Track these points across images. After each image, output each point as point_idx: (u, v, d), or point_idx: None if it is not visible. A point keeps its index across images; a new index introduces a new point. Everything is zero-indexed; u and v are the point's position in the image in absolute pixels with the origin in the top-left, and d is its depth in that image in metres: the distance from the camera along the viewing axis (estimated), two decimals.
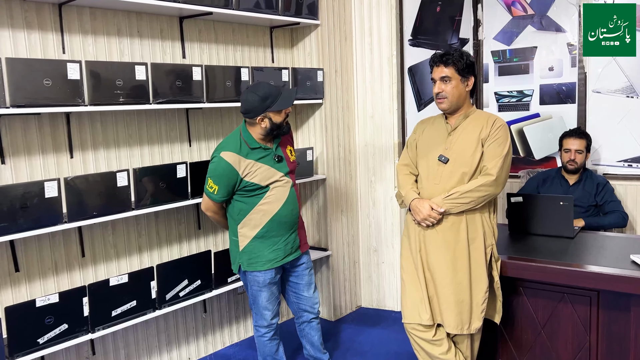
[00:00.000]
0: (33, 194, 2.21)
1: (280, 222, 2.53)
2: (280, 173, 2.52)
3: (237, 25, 3.28)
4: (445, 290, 2.33)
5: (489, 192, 2.28)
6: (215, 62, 3.17)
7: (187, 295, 2.79)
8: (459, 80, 2.33)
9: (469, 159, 2.32)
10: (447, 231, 2.33)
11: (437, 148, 2.41)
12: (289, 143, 2.65)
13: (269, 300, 2.60)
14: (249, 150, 2.46)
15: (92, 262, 2.70)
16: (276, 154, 2.53)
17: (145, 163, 2.86)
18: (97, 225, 2.69)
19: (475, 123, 2.36)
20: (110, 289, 2.46)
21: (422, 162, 2.46)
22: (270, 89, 2.42)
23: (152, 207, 2.63)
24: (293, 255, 2.62)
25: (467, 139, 2.35)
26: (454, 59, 2.32)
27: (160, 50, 2.90)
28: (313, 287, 2.76)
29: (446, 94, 2.33)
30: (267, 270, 2.54)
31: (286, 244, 2.57)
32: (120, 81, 2.47)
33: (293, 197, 2.57)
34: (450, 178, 2.33)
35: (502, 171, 2.30)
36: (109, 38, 2.70)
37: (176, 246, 3.06)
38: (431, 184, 2.38)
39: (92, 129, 2.66)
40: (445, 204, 2.28)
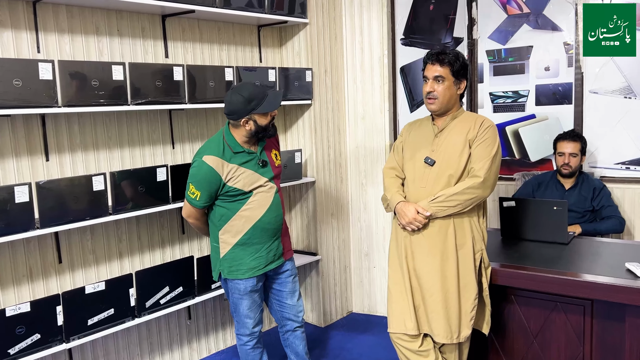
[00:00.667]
0: (3, 199, 2.12)
1: (263, 229, 2.44)
2: (265, 178, 2.44)
3: (223, 24, 3.19)
4: (433, 298, 2.24)
5: (477, 194, 2.20)
6: (200, 61, 3.08)
7: (168, 303, 2.70)
8: (452, 81, 2.25)
9: (456, 161, 2.24)
10: (435, 236, 2.25)
11: (424, 150, 2.33)
12: (274, 147, 2.55)
13: (250, 309, 2.51)
14: (232, 155, 2.36)
15: (69, 268, 2.62)
16: (260, 158, 2.44)
17: (125, 166, 2.78)
18: (75, 231, 2.60)
19: (463, 124, 2.29)
20: (86, 297, 2.38)
21: (408, 165, 2.38)
22: (256, 90, 2.32)
23: (130, 212, 2.54)
24: (276, 263, 2.52)
25: (454, 141, 2.27)
26: (450, 59, 2.24)
27: (142, 49, 2.82)
28: (297, 294, 2.66)
29: (437, 95, 2.25)
30: (248, 278, 2.45)
31: (269, 251, 2.48)
32: (96, 81, 2.38)
33: (277, 203, 2.48)
34: (437, 181, 2.26)
35: (490, 173, 2.21)
36: (87, 37, 2.61)
37: (159, 252, 2.97)
38: (417, 187, 2.31)
39: (70, 131, 2.57)
40: (431, 208, 2.20)
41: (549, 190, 3.31)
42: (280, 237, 2.53)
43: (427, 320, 2.27)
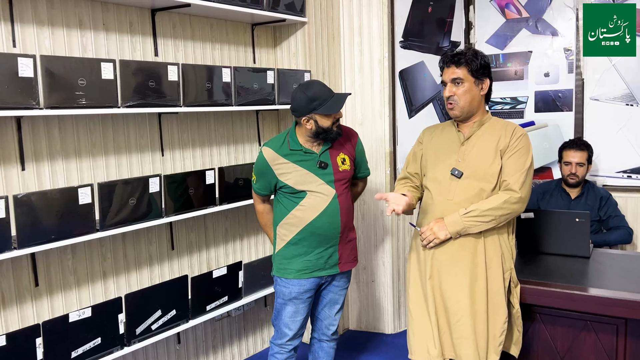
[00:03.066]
0: None
1: (313, 233, 2.31)
2: (321, 181, 2.30)
3: (216, 21, 2.94)
4: (460, 322, 2.07)
5: (513, 210, 2.05)
6: (191, 60, 2.82)
7: (160, 328, 2.42)
8: (472, 82, 2.07)
9: (487, 173, 2.07)
10: (463, 254, 2.08)
11: (449, 160, 2.14)
12: (343, 150, 2.39)
13: (292, 318, 2.37)
14: (289, 151, 2.32)
15: (47, 292, 2.30)
16: (320, 159, 2.31)
17: (111, 176, 2.49)
18: (54, 250, 2.29)
19: (492, 132, 2.11)
20: (70, 325, 2.08)
21: (431, 176, 2.20)
22: (322, 91, 2.25)
23: (120, 228, 2.26)
24: (327, 272, 2.36)
25: (483, 150, 2.09)
26: (467, 59, 2.06)
27: (130, 46, 2.54)
28: (337, 307, 2.49)
29: (457, 99, 2.08)
30: (294, 279, 2.34)
31: (319, 257, 2.33)
32: (83, 80, 2.09)
33: (334, 208, 2.30)
34: (465, 193, 2.09)
35: (525, 187, 2.06)
36: (69, 31, 2.31)
37: (146, 270, 2.68)
38: (443, 200, 2.12)
39: (49, 137, 2.26)
40: (463, 222, 2.02)
41: (553, 199, 3.21)
42: (336, 245, 2.35)
43: (452, 345, 2.11)
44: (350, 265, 2.44)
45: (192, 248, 2.89)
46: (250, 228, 3.22)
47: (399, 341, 3.36)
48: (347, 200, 2.38)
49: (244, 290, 2.81)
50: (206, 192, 2.60)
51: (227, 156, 3.05)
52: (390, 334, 3.51)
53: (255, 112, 3.17)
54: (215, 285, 2.65)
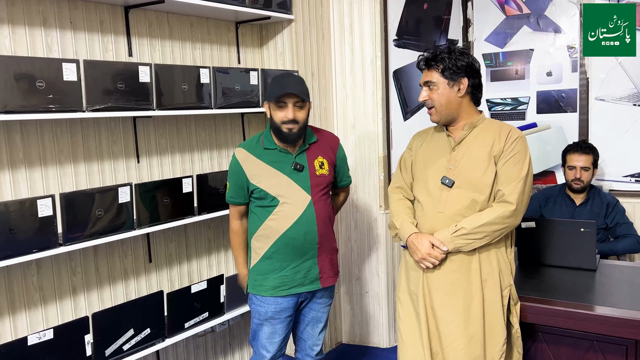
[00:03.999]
0: None
1: (288, 245, 2.12)
2: (296, 185, 2.12)
3: (197, 19, 2.77)
4: (454, 345, 1.90)
5: (507, 224, 1.87)
6: (170, 61, 2.65)
7: (133, 348, 2.25)
8: (445, 84, 1.91)
9: (480, 182, 1.90)
10: (456, 272, 1.91)
11: (439, 167, 1.97)
12: (322, 154, 2.21)
13: (269, 339, 2.19)
14: (262, 151, 2.16)
15: (9, 312, 2.13)
16: (296, 161, 2.13)
17: (81, 185, 2.32)
18: (17, 265, 2.12)
19: (485, 135, 1.93)
20: (29, 349, 1.91)
21: (420, 185, 2.03)
22: (283, 80, 2.09)
23: (87, 241, 2.09)
24: (306, 287, 2.18)
25: (475, 157, 1.92)
26: (437, 60, 1.91)
27: (101, 46, 2.37)
28: (320, 326, 2.31)
29: (432, 103, 1.93)
30: (270, 297, 2.16)
31: (296, 272, 2.15)
32: (41, 82, 1.93)
33: (310, 217, 2.12)
34: (457, 204, 1.91)
35: (522, 197, 1.88)
36: (32, 29, 2.15)
37: (121, 285, 2.51)
38: (433, 212, 1.95)
39: (9, 143, 2.10)
40: (453, 241, 1.85)
41: (557, 205, 3.03)
42: (315, 257, 2.17)
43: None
44: (332, 281, 2.26)
45: (171, 260, 2.72)
46: None
47: (393, 356, 3.18)
48: (326, 209, 2.20)
49: (227, 305, 2.64)
50: (183, 201, 2.43)
51: (210, 162, 2.88)
52: (385, 348, 3.33)
53: (241, 115, 3.00)
54: (195, 300, 2.48)
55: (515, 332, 1.96)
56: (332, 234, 2.27)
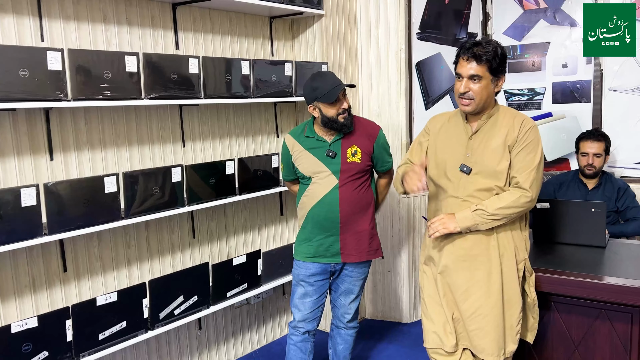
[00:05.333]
0: (8, 203, 1.90)
1: (313, 220, 2.41)
2: (327, 170, 2.38)
3: (235, 15, 2.99)
4: (476, 314, 2.08)
5: (523, 207, 2.02)
6: (211, 53, 2.88)
7: (182, 313, 2.51)
8: (489, 80, 1.98)
9: (496, 170, 2.02)
10: (475, 250, 2.07)
11: (457, 154, 2.09)
12: (357, 143, 2.41)
13: (300, 299, 2.48)
14: (304, 138, 2.45)
15: (75, 277, 2.40)
16: (331, 148, 2.38)
17: (134, 166, 2.57)
18: (81, 237, 2.38)
19: (500, 125, 2.05)
20: (97, 309, 2.17)
21: (439, 170, 2.13)
22: (326, 80, 2.34)
23: (144, 216, 2.34)
24: (328, 259, 2.44)
25: (491, 146, 2.03)
26: (488, 57, 1.96)
27: (152, 39, 2.61)
28: (352, 297, 2.55)
29: (473, 95, 1.99)
30: (301, 261, 2.47)
31: (319, 244, 2.42)
32: (108, 73, 2.17)
33: (333, 198, 2.37)
34: (473, 190, 2.05)
35: (536, 183, 2.01)
36: (94, 25, 2.39)
37: (168, 257, 2.77)
38: (452, 198, 2.09)
39: (75, 128, 2.35)
40: (475, 218, 2.01)
41: (570, 190, 3.21)
42: (337, 235, 2.40)
43: (467, 336, 2.12)
44: (355, 258, 2.45)
45: (212, 237, 2.97)
46: (268, 218, 3.29)
47: (416, 330, 3.40)
48: (353, 192, 2.39)
49: (263, 278, 2.88)
50: (226, 182, 2.67)
51: (246, 147, 3.11)
52: (405, 323, 3.56)
53: (274, 104, 3.23)
54: (235, 272, 2.72)
55: (532, 301, 2.16)
56: (363, 217, 2.44)
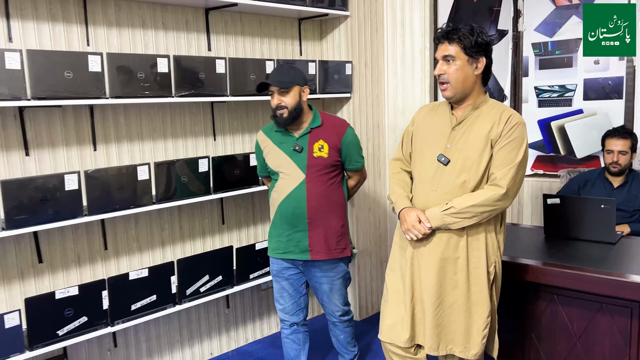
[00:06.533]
0: (54, 187, 2.21)
1: (282, 216, 2.43)
2: (295, 165, 2.39)
3: (264, 17, 3.21)
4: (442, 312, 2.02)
5: (497, 206, 1.93)
6: (242, 54, 3.11)
7: (208, 291, 2.76)
8: (465, 60, 1.90)
9: (474, 163, 1.95)
10: (444, 247, 1.99)
11: (437, 144, 2.02)
12: (324, 138, 2.41)
13: (279, 294, 2.56)
14: (273, 132, 2.47)
15: (114, 255, 2.71)
16: (297, 143, 2.40)
17: (169, 157, 2.84)
18: (120, 219, 2.69)
19: (486, 118, 1.96)
20: (130, 282, 2.45)
21: (417, 160, 2.09)
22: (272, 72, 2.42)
23: (173, 202, 2.60)
24: (297, 255, 2.44)
25: (473, 138, 1.95)
26: (460, 35, 1.90)
27: (186, 42, 2.87)
28: (335, 296, 2.55)
29: (448, 78, 1.93)
30: (272, 257, 2.53)
31: (289, 240, 2.43)
32: (142, 74, 2.44)
33: (300, 193, 2.38)
34: (449, 184, 1.98)
35: (513, 182, 1.93)
36: (134, 30, 2.68)
37: (199, 241, 3.04)
38: (426, 190, 2.02)
39: (116, 122, 2.65)
40: (443, 218, 1.94)
41: (595, 188, 3.19)
42: (305, 231, 2.41)
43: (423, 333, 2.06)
44: (323, 255, 2.42)
45: (240, 224, 3.21)
46: None
47: None
48: (321, 187, 2.39)
49: None
50: (251, 173, 2.90)
51: None
52: None
53: None
54: (258, 256, 2.95)
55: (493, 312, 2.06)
56: (333, 214, 2.43)
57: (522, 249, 2.50)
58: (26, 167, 2.38)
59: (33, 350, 2.20)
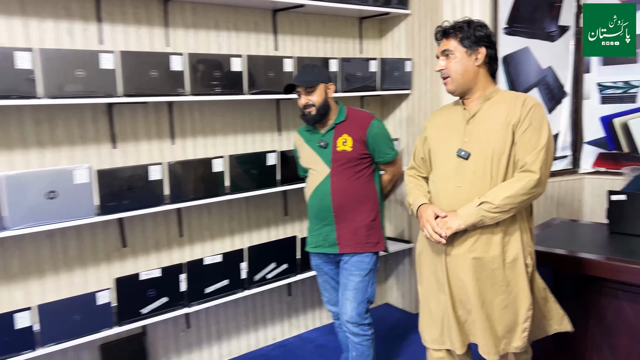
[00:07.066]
0: (139, 176, 2.41)
1: (311, 210, 2.48)
2: (320, 160, 2.43)
3: (328, 17, 3.33)
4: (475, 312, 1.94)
5: (533, 193, 1.85)
6: (306, 53, 3.24)
7: (273, 278, 2.91)
8: (463, 52, 1.89)
9: (495, 152, 1.88)
10: (476, 246, 1.91)
11: (454, 141, 1.96)
12: (348, 132, 2.41)
13: (322, 286, 2.61)
14: (305, 131, 2.54)
15: (188, 242, 2.90)
16: (323, 139, 2.44)
17: (239, 151, 3.01)
18: (195, 208, 2.87)
19: (500, 106, 1.91)
20: (205, 267, 2.63)
21: (436, 160, 2.04)
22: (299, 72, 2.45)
23: (244, 193, 2.76)
24: (327, 249, 2.46)
25: (490, 126, 1.90)
26: (456, 29, 1.91)
27: (255, 42, 3.03)
28: (347, 294, 2.43)
29: (449, 72, 1.92)
30: (309, 252, 2.56)
31: (319, 234, 2.47)
32: (218, 72, 2.61)
33: (325, 187, 2.40)
34: (475, 177, 1.90)
35: (545, 166, 1.85)
36: (208, 31, 2.85)
37: (265, 231, 3.20)
38: (451, 187, 1.95)
39: (192, 118, 2.83)
40: (481, 214, 1.85)
41: None
42: (332, 225, 2.42)
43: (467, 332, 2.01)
44: (351, 249, 2.40)
45: (302, 215, 3.35)
46: None
47: None
48: (347, 181, 2.39)
49: None
50: None
51: None
52: None
53: (360, 98, 3.53)
54: None
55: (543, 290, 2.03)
56: (361, 208, 2.41)
57: (585, 244, 2.51)
58: (113, 159, 2.60)
59: (121, 326, 2.41)
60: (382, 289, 3.86)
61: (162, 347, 2.84)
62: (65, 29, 2.42)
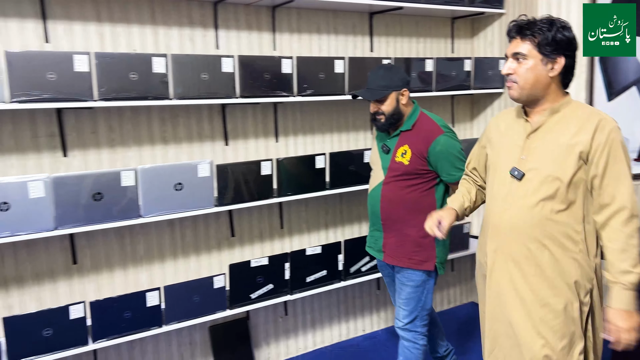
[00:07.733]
0: (252, 171, 2.60)
1: (368, 211, 2.47)
2: (379, 164, 2.38)
3: (421, 18, 3.40)
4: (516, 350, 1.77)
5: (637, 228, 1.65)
6: (400, 54, 3.34)
7: (367, 271, 3.03)
8: (538, 59, 1.65)
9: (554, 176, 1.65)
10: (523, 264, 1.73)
11: (511, 156, 1.76)
12: (410, 144, 2.28)
13: (387, 286, 2.63)
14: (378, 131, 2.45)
15: (288, 234, 3.08)
16: (386, 143, 2.36)
17: (335, 149, 3.15)
18: (294, 202, 3.05)
19: (568, 122, 1.67)
20: (306, 257, 2.79)
21: (490, 175, 1.85)
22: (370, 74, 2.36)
23: (340, 189, 2.90)
24: (375, 253, 2.47)
25: (553, 147, 1.67)
26: (534, 30, 1.65)
27: (352, 44, 3.16)
28: (400, 300, 2.39)
29: (516, 78, 1.68)
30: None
31: (371, 236, 2.50)
32: (322, 74, 2.76)
33: (376, 194, 2.37)
34: (524, 202, 1.70)
35: (632, 197, 1.63)
36: (310, 35, 3.01)
37: (357, 226, 3.32)
38: (499, 207, 1.77)
39: (294, 117, 3.00)
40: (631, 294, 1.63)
41: None
42: (381, 231, 2.39)
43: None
44: (394, 261, 2.35)
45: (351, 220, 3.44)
46: None
47: None
48: (398, 193, 2.30)
49: None
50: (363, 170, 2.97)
51: None
52: None
53: (451, 97, 3.57)
54: None
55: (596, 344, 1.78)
56: (410, 221, 2.28)
57: None
58: (225, 154, 2.81)
59: (232, 309, 2.62)
60: (468, 288, 3.89)
61: (263, 332, 3.04)
62: (188, 35, 2.66)
